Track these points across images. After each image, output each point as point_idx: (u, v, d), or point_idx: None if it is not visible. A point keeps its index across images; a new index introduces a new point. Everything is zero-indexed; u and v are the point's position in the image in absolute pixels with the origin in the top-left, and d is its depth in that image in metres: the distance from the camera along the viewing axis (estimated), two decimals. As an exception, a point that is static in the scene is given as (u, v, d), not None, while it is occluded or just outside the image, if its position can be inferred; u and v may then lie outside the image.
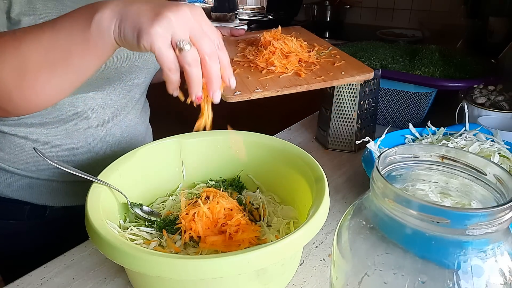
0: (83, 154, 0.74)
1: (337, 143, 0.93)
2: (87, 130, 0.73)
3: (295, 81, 0.66)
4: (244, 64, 0.73)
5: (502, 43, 1.10)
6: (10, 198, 0.74)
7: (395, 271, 0.29)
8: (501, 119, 0.84)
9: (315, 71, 0.70)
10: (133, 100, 0.79)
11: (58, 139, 0.71)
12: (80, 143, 0.73)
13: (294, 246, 0.44)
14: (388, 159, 0.33)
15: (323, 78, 0.66)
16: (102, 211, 0.50)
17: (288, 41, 0.75)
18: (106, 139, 0.75)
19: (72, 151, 0.73)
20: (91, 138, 0.74)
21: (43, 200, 0.75)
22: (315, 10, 2.38)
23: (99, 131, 0.74)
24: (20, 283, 0.56)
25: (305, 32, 0.92)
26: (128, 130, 0.80)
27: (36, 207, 0.75)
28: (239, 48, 0.83)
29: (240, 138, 0.67)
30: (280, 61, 0.71)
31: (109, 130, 0.75)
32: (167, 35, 0.41)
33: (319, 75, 0.68)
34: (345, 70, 0.69)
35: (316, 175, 0.56)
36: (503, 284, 0.27)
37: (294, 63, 0.71)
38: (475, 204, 0.33)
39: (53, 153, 0.72)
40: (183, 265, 0.40)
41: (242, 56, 0.77)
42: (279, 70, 0.69)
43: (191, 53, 0.42)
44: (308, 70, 0.70)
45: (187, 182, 0.70)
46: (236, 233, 0.54)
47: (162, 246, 0.55)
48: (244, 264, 0.40)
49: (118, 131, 0.77)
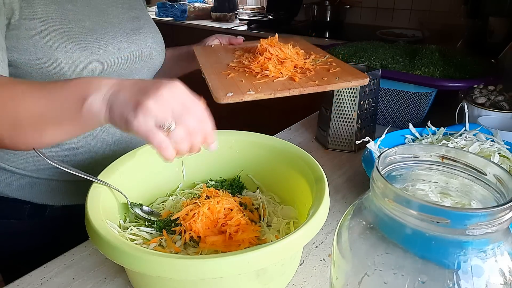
0: (83, 154, 0.74)
1: (337, 143, 0.93)
2: None
3: (289, 85, 0.66)
4: (239, 69, 0.74)
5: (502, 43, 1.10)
6: (10, 198, 0.74)
7: (395, 271, 0.29)
8: (501, 119, 0.84)
9: (309, 76, 0.70)
10: None
11: None
12: (80, 143, 0.73)
13: (294, 246, 0.44)
14: (388, 159, 0.33)
15: (317, 82, 0.67)
16: (102, 211, 0.50)
17: (284, 48, 0.76)
18: (106, 139, 0.76)
19: (73, 151, 0.73)
20: (91, 138, 0.74)
21: (43, 199, 0.75)
22: (315, 10, 2.38)
23: (99, 131, 0.74)
24: (20, 283, 0.56)
25: (304, 42, 0.93)
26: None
27: (36, 206, 0.76)
28: (236, 55, 0.84)
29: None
30: (275, 66, 0.72)
31: (108, 130, 0.76)
32: (150, 122, 0.43)
33: (314, 80, 0.68)
34: (340, 76, 0.70)
35: (316, 175, 0.56)
36: (503, 284, 0.27)
37: (289, 68, 0.72)
38: (475, 204, 0.33)
39: (53, 153, 0.72)
40: (183, 265, 0.40)
41: (238, 62, 0.78)
42: (274, 75, 0.70)
43: (176, 133, 0.45)
44: (303, 75, 0.71)
45: (187, 182, 0.70)
46: (236, 233, 0.54)
47: (162, 246, 0.55)
48: (244, 264, 0.40)
49: (117, 131, 0.77)
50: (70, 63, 0.65)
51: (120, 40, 0.72)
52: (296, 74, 0.70)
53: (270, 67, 0.71)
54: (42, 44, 0.62)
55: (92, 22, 0.69)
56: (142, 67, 0.77)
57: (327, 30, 2.34)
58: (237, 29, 2.51)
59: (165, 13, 2.99)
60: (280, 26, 2.45)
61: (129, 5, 0.79)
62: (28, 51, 0.62)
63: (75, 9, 0.67)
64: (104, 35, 0.70)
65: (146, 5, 0.89)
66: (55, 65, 0.64)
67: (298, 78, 0.69)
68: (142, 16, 0.81)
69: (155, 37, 0.81)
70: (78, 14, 0.67)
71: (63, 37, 0.64)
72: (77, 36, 0.66)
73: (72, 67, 0.65)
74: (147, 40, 0.78)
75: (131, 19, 0.77)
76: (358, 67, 0.96)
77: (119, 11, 0.75)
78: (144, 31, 0.78)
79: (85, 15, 0.68)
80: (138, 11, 0.80)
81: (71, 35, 0.65)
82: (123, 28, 0.74)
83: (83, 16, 0.68)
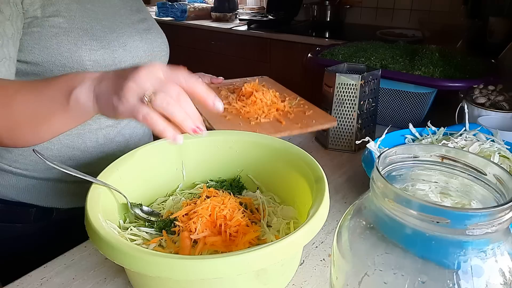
0: (93, 154, 0.75)
1: (337, 143, 0.93)
2: (98, 131, 0.73)
3: (279, 128, 0.80)
4: (233, 111, 0.87)
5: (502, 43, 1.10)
6: (16, 201, 0.74)
7: (395, 271, 0.29)
8: (501, 119, 0.84)
9: (291, 119, 0.84)
10: None
11: (70, 139, 0.72)
12: (92, 143, 0.74)
13: (294, 246, 0.44)
14: (388, 159, 0.33)
15: (299, 125, 0.81)
16: (102, 211, 0.50)
17: (266, 93, 0.90)
18: (116, 139, 0.76)
19: (84, 151, 0.74)
20: (102, 138, 0.74)
21: (49, 202, 0.75)
22: (315, 10, 2.38)
23: (110, 131, 0.75)
24: (20, 283, 0.56)
25: (272, 81, 1.06)
26: (136, 131, 0.81)
27: (43, 209, 0.75)
28: (222, 96, 0.95)
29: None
30: (263, 110, 0.86)
31: (120, 130, 0.77)
32: (132, 99, 0.44)
33: (296, 122, 0.82)
34: (315, 119, 0.84)
35: (316, 175, 0.56)
36: (503, 284, 0.27)
37: (273, 111, 0.86)
38: (475, 204, 0.33)
39: (64, 153, 0.72)
40: (182, 266, 0.40)
41: (228, 104, 0.89)
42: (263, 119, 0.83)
43: (160, 97, 0.44)
44: (285, 118, 0.85)
45: (187, 182, 0.70)
46: (236, 233, 0.54)
47: (162, 246, 0.55)
48: (244, 264, 0.40)
49: (127, 131, 0.78)
50: (93, 60, 0.66)
51: (136, 39, 0.74)
52: (281, 118, 0.84)
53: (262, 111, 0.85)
54: (67, 42, 0.63)
55: (110, 22, 0.71)
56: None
57: (327, 30, 2.34)
58: (237, 29, 2.51)
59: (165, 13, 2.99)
60: (280, 26, 2.45)
61: (137, 8, 0.81)
62: (51, 49, 0.63)
63: (94, 9, 0.69)
64: (122, 34, 0.72)
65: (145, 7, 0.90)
66: (79, 62, 0.65)
67: (284, 122, 0.82)
68: (149, 18, 0.84)
69: (163, 37, 0.84)
70: (98, 14, 0.69)
71: (87, 35, 0.65)
72: (99, 34, 0.67)
73: (95, 64, 0.66)
74: (157, 40, 0.81)
75: (140, 20, 0.80)
76: (358, 67, 0.96)
77: (129, 13, 0.78)
78: (153, 32, 0.81)
79: (103, 14, 0.70)
80: (144, 13, 0.83)
81: (94, 33, 0.66)
82: (136, 28, 0.77)
83: (102, 15, 0.70)
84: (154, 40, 0.80)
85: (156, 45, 0.80)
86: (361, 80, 0.86)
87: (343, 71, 0.96)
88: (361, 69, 0.95)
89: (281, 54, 2.34)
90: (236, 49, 2.57)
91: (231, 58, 2.64)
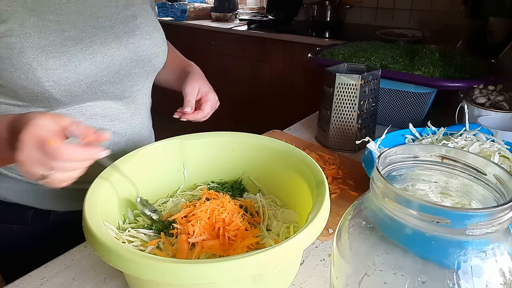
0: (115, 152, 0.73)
1: (337, 143, 0.93)
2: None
3: None
4: None
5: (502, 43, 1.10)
6: (13, 203, 0.74)
7: (395, 271, 0.29)
8: (501, 119, 0.84)
9: None
10: (138, 103, 0.77)
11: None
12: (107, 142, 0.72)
13: (291, 252, 0.43)
14: (388, 159, 0.33)
15: None
16: (100, 212, 0.49)
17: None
18: (116, 139, 0.75)
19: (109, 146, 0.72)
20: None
21: (47, 205, 0.75)
22: (315, 10, 2.38)
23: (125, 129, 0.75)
24: (20, 283, 0.56)
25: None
26: (133, 136, 0.78)
27: (40, 211, 0.75)
28: None
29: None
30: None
31: (132, 128, 0.76)
32: (34, 175, 0.49)
33: None
34: None
35: (317, 179, 0.55)
36: (503, 284, 0.27)
37: None
38: (475, 204, 0.33)
39: None
40: (177, 270, 0.39)
41: None
42: None
43: (57, 176, 0.49)
44: None
45: (188, 184, 0.70)
46: (234, 237, 0.53)
47: (160, 248, 0.54)
48: (239, 269, 0.40)
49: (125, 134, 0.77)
50: (53, 81, 0.61)
51: (111, 46, 0.67)
52: None
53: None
54: (22, 64, 0.59)
55: (77, 31, 0.64)
56: (139, 72, 0.73)
57: (327, 30, 2.34)
58: (237, 29, 2.51)
59: (165, 13, 2.99)
60: (280, 26, 2.45)
61: (125, 2, 0.73)
62: (8, 71, 0.59)
63: (57, 19, 0.63)
64: (92, 43, 0.65)
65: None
66: (38, 84, 0.60)
67: None
68: (140, 14, 0.74)
69: (154, 37, 0.75)
70: (61, 24, 0.63)
71: (42, 54, 0.60)
72: (59, 49, 0.61)
73: (55, 84, 0.61)
74: (143, 43, 0.72)
75: (126, 18, 0.71)
76: (358, 67, 0.96)
77: (113, 11, 0.70)
78: (140, 32, 0.72)
79: (70, 23, 0.64)
80: (135, 7, 0.74)
81: (51, 50, 0.61)
82: (116, 31, 0.69)
83: (67, 25, 0.63)
84: (139, 44, 0.71)
85: (143, 49, 0.72)
86: (361, 80, 0.86)
87: (343, 71, 0.96)
88: (361, 69, 0.95)
89: (281, 54, 2.34)
90: (236, 49, 2.57)
91: (231, 58, 2.64)
